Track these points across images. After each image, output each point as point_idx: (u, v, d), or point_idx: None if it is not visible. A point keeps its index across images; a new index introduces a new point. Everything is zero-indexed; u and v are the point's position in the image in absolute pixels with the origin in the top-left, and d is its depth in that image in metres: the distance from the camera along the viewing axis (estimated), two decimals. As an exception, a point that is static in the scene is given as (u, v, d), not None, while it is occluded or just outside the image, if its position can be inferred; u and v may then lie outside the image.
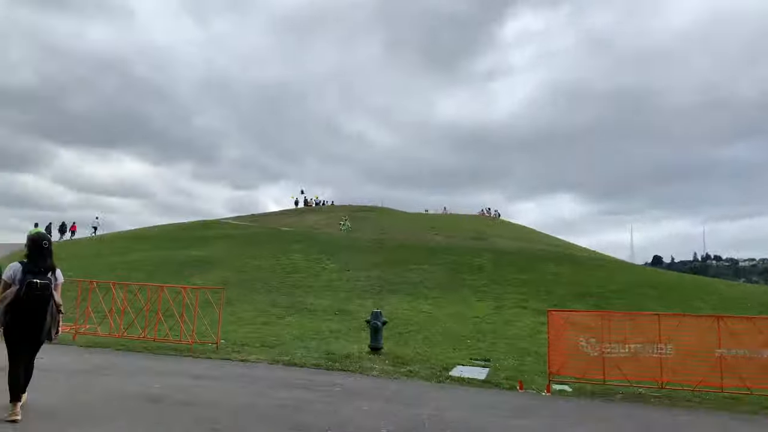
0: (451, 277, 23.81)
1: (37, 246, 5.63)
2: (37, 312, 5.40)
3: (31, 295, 5.34)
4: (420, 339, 14.17)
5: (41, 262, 5.55)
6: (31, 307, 5.36)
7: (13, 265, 5.61)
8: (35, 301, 5.37)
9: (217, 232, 38.19)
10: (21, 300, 5.34)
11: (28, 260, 5.57)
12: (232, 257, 27.60)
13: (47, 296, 5.44)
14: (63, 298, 5.91)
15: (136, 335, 11.42)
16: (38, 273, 5.47)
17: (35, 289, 5.36)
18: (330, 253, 29.05)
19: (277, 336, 13.67)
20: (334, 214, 53.04)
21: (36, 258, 5.56)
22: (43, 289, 5.40)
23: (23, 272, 5.45)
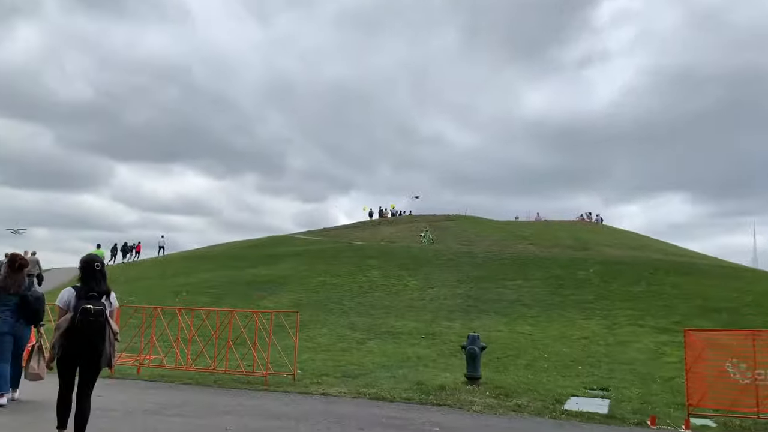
0: (551, 293, 22.79)
1: (90, 269, 5.69)
2: (92, 339, 5.43)
3: (86, 322, 5.38)
4: (522, 365, 13.44)
5: (95, 286, 5.61)
6: (86, 334, 5.40)
7: (66, 291, 5.68)
8: (90, 328, 5.40)
9: (286, 249, 38.78)
10: (75, 327, 5.38)
11: (81, 284, 5.65)
12: (303, 276, 27.79)
13: (102, 322, 5.48)
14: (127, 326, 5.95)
15: (205, 366, 11.40)
16: (92, 298, 5.52)
17: (89, 314, 5.39)
18: (410, 269, 28.68)
19: (359, 364, 13.36)
20: (412, 225, 52.79)
21: (89, 282, 5.63)
22: (98, 315, 5.44)
23: (77, 297, 5.52)
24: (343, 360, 13.98)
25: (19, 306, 7.88)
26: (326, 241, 45.00)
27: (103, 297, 5.61)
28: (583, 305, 20.86)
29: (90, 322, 5.37)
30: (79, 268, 5.77)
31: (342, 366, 13.08)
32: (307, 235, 53.04)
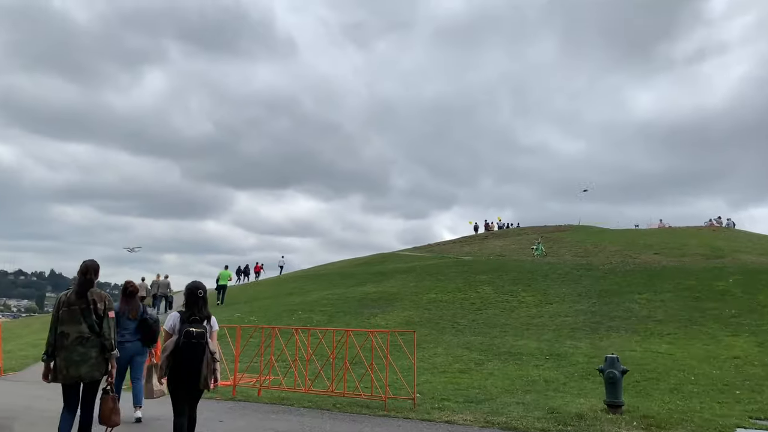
0: (687, 307, 20.88)
1: (193, 295, 6.15)
2: (193, 361, 5.85)
3: (188, 344, 5.82)
4: (666, 390, 12.13)
5: (197, 311, 6.07)
6: (188, 356, 5.84)
7: (172, 315, 6.12)
8: (192, 350, 5.84)
9: (393, 266, 38.57)
10: (180, 349, 5.84)
11: (185, 309, 6.10)
12: (413, 293, 27.32)
13: (203, 345, 5.89)
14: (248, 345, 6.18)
15: (324, 388, 11.11)
16: (195, 322, 5.97)
17: (192, 337, 5.83)
18: (525, 284, 27.47)
19: (481, 388, 12.60)
20: (521, 238, 51.13)
21: (192, 306, 6.09)
22: (199, 338, 5.86)
23: (181, 321, 5.98)
24: (463, 383, 13.28)
25: (138, 329, 8.53)
26: (433, 256, 44.42)
27: (204, 321, 6.05)
28: (727, 320, 18.88)
29: (192, 344, 5.82)
30: (184, 294, 6.25)
31: (463, 390, 12.39)
32: (413, 251, 52.72)
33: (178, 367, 5.86)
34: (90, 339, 5.92)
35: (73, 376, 5.86)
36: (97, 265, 6.22)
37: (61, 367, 5.87)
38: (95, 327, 5.96)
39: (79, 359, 5.85)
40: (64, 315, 5.99)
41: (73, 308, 5.96)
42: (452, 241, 60.44)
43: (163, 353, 5.93)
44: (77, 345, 5.88)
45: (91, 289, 6.09)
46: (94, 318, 5.96)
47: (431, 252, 49.69)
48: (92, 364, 5.91)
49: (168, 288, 28.19)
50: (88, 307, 5.97)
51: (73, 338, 5.89)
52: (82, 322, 5.92)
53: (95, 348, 5.94)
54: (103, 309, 6.04)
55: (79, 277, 6.10)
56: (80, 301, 5.99)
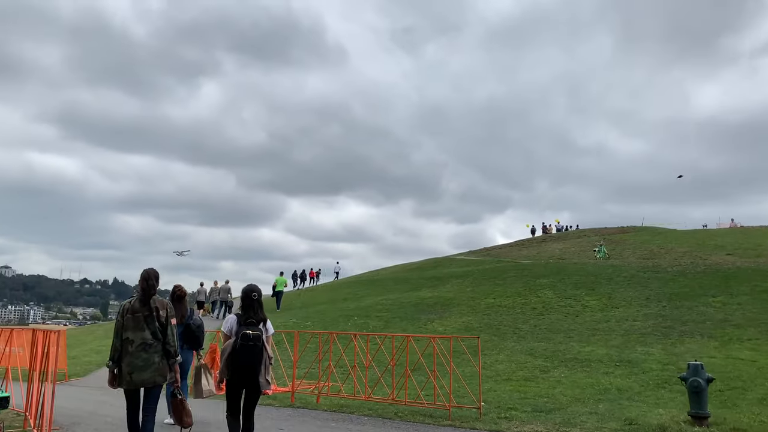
0: (767, 310, 19.62)
1: (249, 299, 6.26)
2: (250, 363, 5.98)
3: (245, 346, 5.95)
4: (755, 400, 11.24)
5: (252, 313, 6.19)
6: (245, 358, 5.96)
7: (230, 318, 6.31)
8: (249, 352, 5.96)
9: (449, 270, 37.99)
10: (237, 351, 5.97)
11: (242, 312, 6.25)
12: (470, 297, 26.72)
13: (260, 347, 6.02)
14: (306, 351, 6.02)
15: (385, 397, 10.73)
16: (251, 324, 6.09)
17: (249, 340, 5.95)
18: (588, 288, 26.48)
19: (549, 396, 11.99)
20: (581, 240, 49.70)
21: (248, 310, 6.22)
22: (255, 340, 5.99)
23: (238, 324, 6.14)
24: (530, 391, 12.68)
25: (184, 333, 8.64)
26: (489, 261, 43.58)
27: (260, 324, 6.17)
28: (813, 325, 17.62)
29: (249, 347, 5.95)
30: (241, 297, 6.42)
31: (530, 398, 11.80)
32: (468, 255, 51.94)
33: (236, 368, 6.01)
34: (153, 345, 6.07)
35: (136, 382, 5.99)
36: (157, 273, 6.38)
37: (125, 372, 5.99)
38: (158, 333, 6.12)
39: (142, 365, 5.99)
40: (128, 322, 6.11)
41: (137, 315, 6.10)
42: (509, 244, 59.30)
43: (222, 355, 6.10)
44: (141, 351, 6.02)
45: (154, 296, 6.24)
46: (157, 325, 6.11)
47: (487, 256, 48.84)
48: (155, 369, 6.04)
49: (228, 293, 28.67)
50: (151, 314, 6.12)
51: (138, 344, 6.03)
52: (145, 328, 6.07)
53: (158, 354, 6.08)
54: (165, 316, 6.19)
55: (141, 285, 6.27)
56: (144, 308, 6.14)
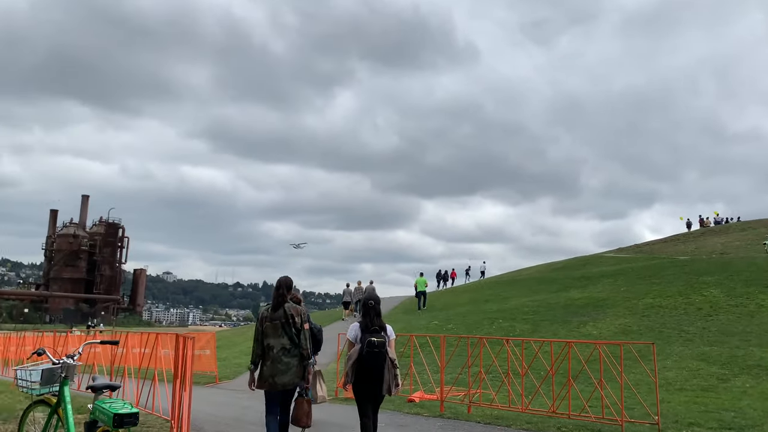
0: None
1: (366, 307, 6.56)
2: (375, 368, 6.24)
3: (371, 353, 6.21)
4: None
5: (372, 321, 6.43)
6: (371, 363, 6.22)
7: (354, 326, 6.62)
8: (374, 358, 6.22)
9: (598, 269, 35.72)
10: (363, 358, 6.24)
11: (363, 320, 6.52)
12: (625, 298, 24.70)
13: (384, 353, 6.27)
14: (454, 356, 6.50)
15: (544, 409, 9.80)
16: (374, 332, 6.35)
17: (374, 347, 6.22)
18: (762, 285, 23.52)
19: (737, 410, 10.43)
20: (746, 233, 44.96)
21: (368, 317, 6.46)
22: (380, 347, 6.25)
23: (362, 331, 6.42)
24: (710, 403, 11.15)
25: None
26: (642, 258, 40.51)
27: (381, 331, 6.42)
28: None
29: (375, 353, 6.22)
30: (361, 306, 6.92)
31: (713, 412, 10.33)
32: (618, 252, 48.77)
33: (363, 373, 6.28)
34: (291, 350, 6.44)
35: (278, 384, 6.36)
36: (290, 281, 6.74)
37: (267, 376, 6.37)
38: (295, 339, 6.47)
39: (283, 369, 6.36)
40: (267, 329, 6.50)
41: (275, 322, 6.49)
42: (662, 240, 54.97)
43: (348, 361, 6.39)
44: (282, 356, 6.39)
45: (287, 303, 6.59)
46: (293, 331, 6.47)
47: (639, 253, 45.55)
48: (294, 372, 6.41)
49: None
50: (287, 321, 6.48)
51: (278, 350, 6.40)
52: (284, 335, 6.45)
53: (296, 358, 6.44)
54: (300, 322, 6.53)
55: (273, 294, 6.68)
56: (280, 315, 6.51)
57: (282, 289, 6.62)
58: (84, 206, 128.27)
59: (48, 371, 4.98)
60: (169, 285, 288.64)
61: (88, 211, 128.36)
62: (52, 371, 4.99)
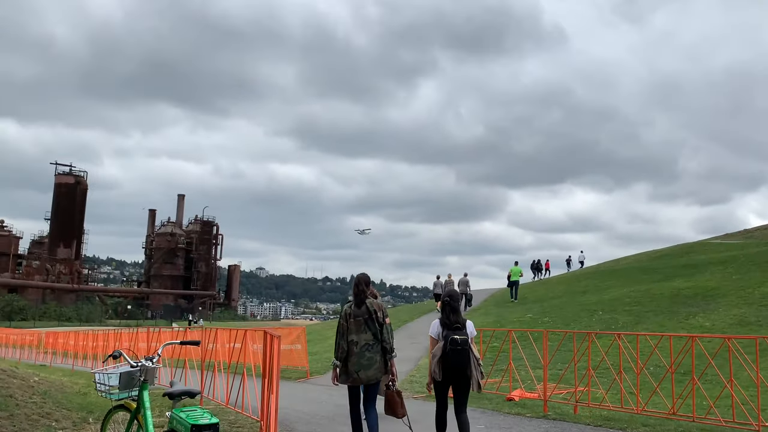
0: None
1: (444, 304, 6.72)
2: (460, 365, 6.33)
3: (454, 350, 6.30)
4: None
5: (450, 317, 6.52)
6: (455, 361, 6.31)
7: (435, 323, 6.72)
8: (458, 355, 6.30)
9: (705, 257, 33.31)
10: (447, 355, 6.33)
11: (444, 317, 6.60)
12: (739, 287, 22.69)
13: (467, 350, 6.36)
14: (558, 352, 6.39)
15: (664, 410, 8.82)
16: (456, 329, 6.44)
17: (456, 344, 6.30)
18: None
19: None
20: None
21: (449, 315, 6.55)
22: (463, 344, 6.33)
23: (444, 328, 6.51)
24: None
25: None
26: (753, 243, 37.50)
27: (463, 328, 6.49)
28: None
29: (458, 350, 6.30)
30: (442, 302, 6.89)
31: None
32: (724, 239, 45.52)
33: (447, 370, 6.38)
34: (374, 345, 6.56)
35: (362, 379, 6.53)
36: (367, 278, 6.94)
37: (352, 371, 6.52)
38: (378, 334, 6.59)
39: (367, 363, 6.51)
40: (351, 325, 6.64)
41: (357, 319, 6.62)
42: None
43: (433, 359, 6.50)
44: (365, 351, 6.53)
45: (368, 299, 6.73)
46: (376, 326, 6.58)
47: (749, 238, 42.29)
48: (377, 367, 6.55)
49: (467, 286, 28.37)
50: (370, 317, 6.60)
51: (362, 345, 6.55)
52: (367, 330, 6.58)
53: (379, 353, 6.56)
54: (382, 317, 6.64)
55: (353, 291, 6.83)
56: (363, 311, 6.64)
57: (362, 286, 6.81)
58: (180, 205, 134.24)
59: (126, 375, 4.73)
60: (262, 280, 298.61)
61: (184, 210, 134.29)
62: (130, 375, 4.73)
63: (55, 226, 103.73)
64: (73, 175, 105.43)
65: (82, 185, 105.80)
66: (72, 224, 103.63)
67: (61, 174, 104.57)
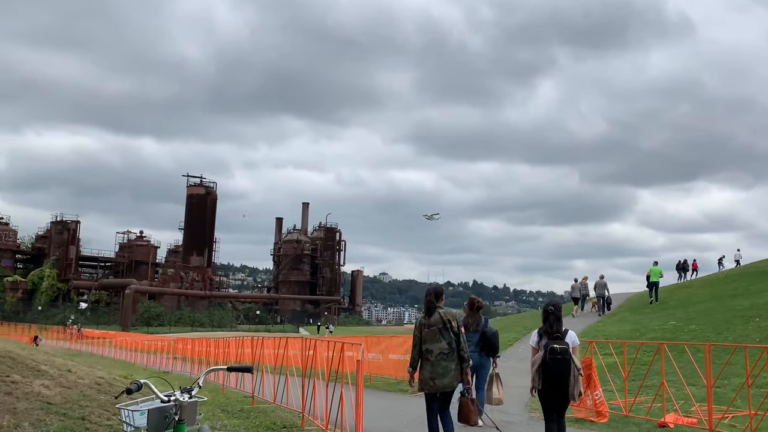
0: None
1: (546, 313, 6.74)
2: (561, 375, 6.39)
3: (555, 360, 6.39)
4: None
5: (552, 327, 6.61)
6: (555, 370, 6.40)
7: (535, 332, 6.85)
8: (558, 365, 6.38)
9: None
10: (546, 364, 6.44)
11: (544, 326, 6.70)
12: None
13: (567, 360, 6.42)
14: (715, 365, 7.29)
15: None
16: (556, 338, 6.53)
17: (557, 353, 6.40)
18: None
19: None
20: None
21: (551, 324, 6.63)
22: (563, 354, 6.41)
23: (544, 338, 6.64)
24: None
25: (480, 341, 9.18)
26: None
27: (564, 337, 6.55)
28: None
29: (558, 360, 6.38)
30: (544, 311, 6.86)
31: None
32: None
33: (547, 380, 6.47)
34: (449, 354, 6.79)
35: (438, 387, 6.78)
36: (440, 288, 7.28)
37: (427, 379, 6.82)
38: (453, 343, 6.84)
39: (442, 372, 6.75)
40: (426, 335, 6.89)
41: (432, 328, 6.87)
42: None
43: (532, 367, 6.62)
44: (440, 360, 6.78)
45: (441, 310, 7.00)
46: (451, 335, 6.83)
47: None
48: (452, 375, 6.78)
49: (605, 288, 27.59)
50: (444, 326, 6.85)
51: (437, 354, 6.80)
52: (441, 340, 6.82)
53: (454, 362, 6.80)
54: (456, 326, 6.89)
55: (424, 299, 7.20)
56: (437, 320, 6.89)
57: (431, 296, 7.09)
58: (305, 213, 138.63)
59: (156, 412, 3.80)
60: (386, 285, 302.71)
61: (309, 217, 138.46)
62: (162, 411, 3.80)
63: (187, 235, 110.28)
64: (203, 186, 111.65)
65: (212, 195, 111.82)
66: (203, 233, 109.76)
67: (192, 185, 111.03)
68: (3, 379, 8.61)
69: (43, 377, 9.81)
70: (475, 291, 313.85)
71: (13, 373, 9.47)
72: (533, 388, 6.67)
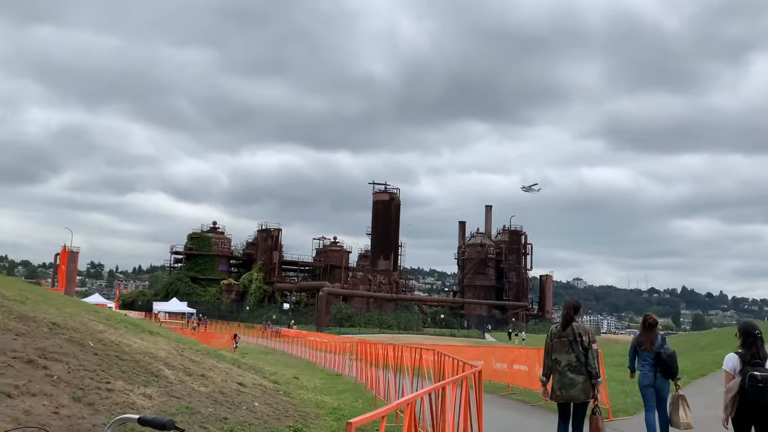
0: None
1: (750, 335, 6.31)
2: (762, 405, 5.83)
3: (755, 388, 5.87)
4: None
5: (756, 353, 6.15)
6: (755, 399, 5.87)
7: (731, 356, 6.40)
8: (759, 394, 5.85)
9: None
10: (746, 393, 5.94)
11: (744, 350, 6.29)
12: None
13: None
14: None
15: None
16: (756, 365, 6.06)
17: (757, 381, 5.87)
18: None
19: None
20: None
21: (750, 348, 6.22)
22: (765, 382, 5.86)
23: (741, 363, 6.18)
24: None
25: (655, 361, 8.73)
26: None
27: (766, 362, 6.10)
28: None
29: (759, 389, 5.88)
30: (741, 334, 6.46)
31: None
32: None
33: (745, 409, 6.00)
34: (577, 367, 6.95)
35: (564, 397, 7.03)
36: (577, 304, 7.47)
37: (555, 388, 7.10)
38: (581, 356, 6.98)
39: (568, 383, 6.95)
40: (555, 345, 7.15)
41: (562, 339, 7.08)
42: None
43: (727, 394, 6.17)
44: (567, 371, 6.98)
45: (575, 323, 7.17)
46: (580, 349, 6.96)
47: None
48: (580, 388, 6.93)
49: None
50: (575, 339, 7.01)
51: (564, 365, 7.02)
52: (570, 352, 7.00)
53: (582, 375, 6.93)
54: (587, 341, 7.00)
55: (562, 313, 7.48)
56: (569, 333, 7.06)
57: (568, 309, 7.33)
58: (488, 216, 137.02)
59: None
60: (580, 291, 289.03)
61: (491, 220, 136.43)
62: None
63: (374, 240, 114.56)
64: (387, 192, 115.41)
65: (396, 201, 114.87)
66: (389, 238, 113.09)
67: (377, 192, 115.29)
68: (99, 386, 8.47)
69: (154, 384, 9.69)
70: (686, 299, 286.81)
71: (122, 377, 9.42)
72: (726, 418, 6.21)
